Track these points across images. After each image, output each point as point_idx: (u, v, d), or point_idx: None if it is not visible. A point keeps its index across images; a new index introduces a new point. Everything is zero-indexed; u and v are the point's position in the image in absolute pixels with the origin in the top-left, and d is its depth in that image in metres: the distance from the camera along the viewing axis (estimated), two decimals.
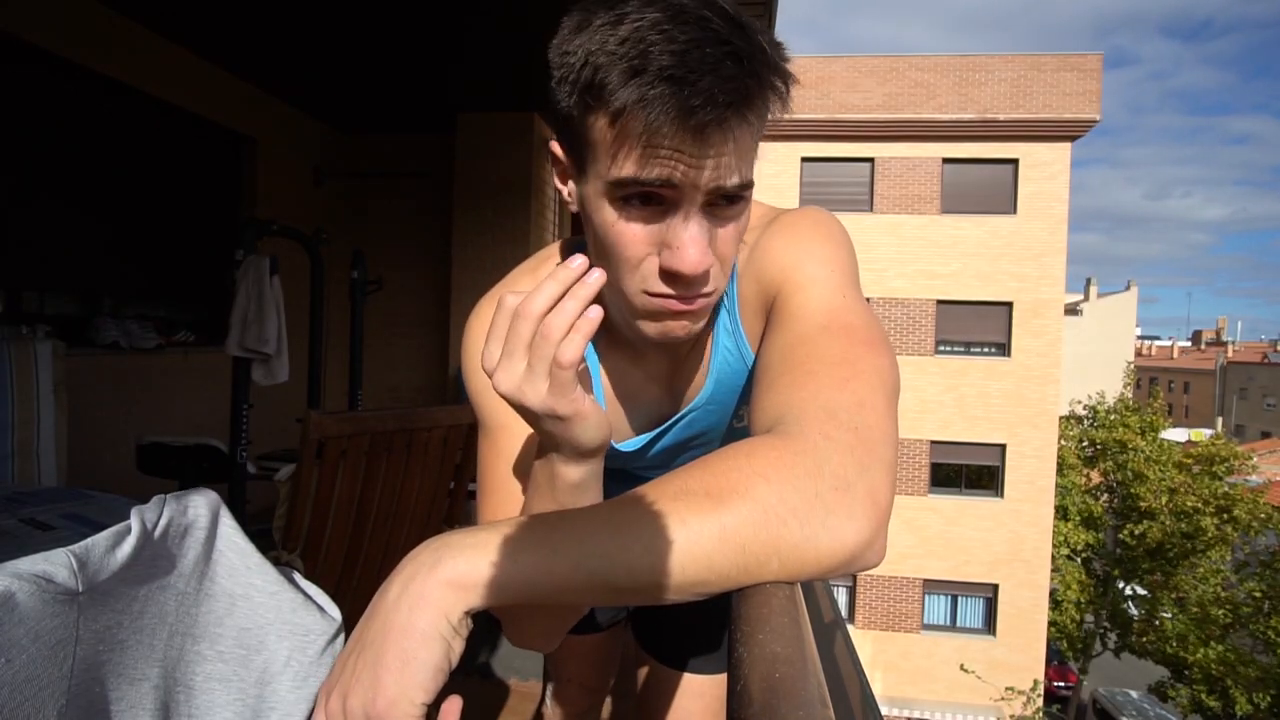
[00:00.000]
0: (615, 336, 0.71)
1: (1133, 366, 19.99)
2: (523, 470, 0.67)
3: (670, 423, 0.76)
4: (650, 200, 0.53)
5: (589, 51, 0.50)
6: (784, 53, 0.53)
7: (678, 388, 0.75)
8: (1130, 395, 17.27)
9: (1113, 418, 15.96)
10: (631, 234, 0.55)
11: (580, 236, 0.73)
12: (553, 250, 0.77)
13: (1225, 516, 13.58)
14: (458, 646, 0.41)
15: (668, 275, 0.55)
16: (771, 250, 0.64)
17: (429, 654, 0.40)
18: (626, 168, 0.51)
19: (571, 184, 0.60)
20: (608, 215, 0.55)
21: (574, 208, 0.60)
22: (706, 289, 0.57)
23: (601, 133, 0.52)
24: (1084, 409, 16.96)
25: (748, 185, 0.54)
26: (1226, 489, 13.90)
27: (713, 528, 0.41)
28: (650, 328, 0.60)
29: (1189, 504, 13.91)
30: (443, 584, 0.40)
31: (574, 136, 0.56)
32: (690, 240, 0.53)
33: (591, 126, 0.53)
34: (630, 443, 0.76)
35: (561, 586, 0.41)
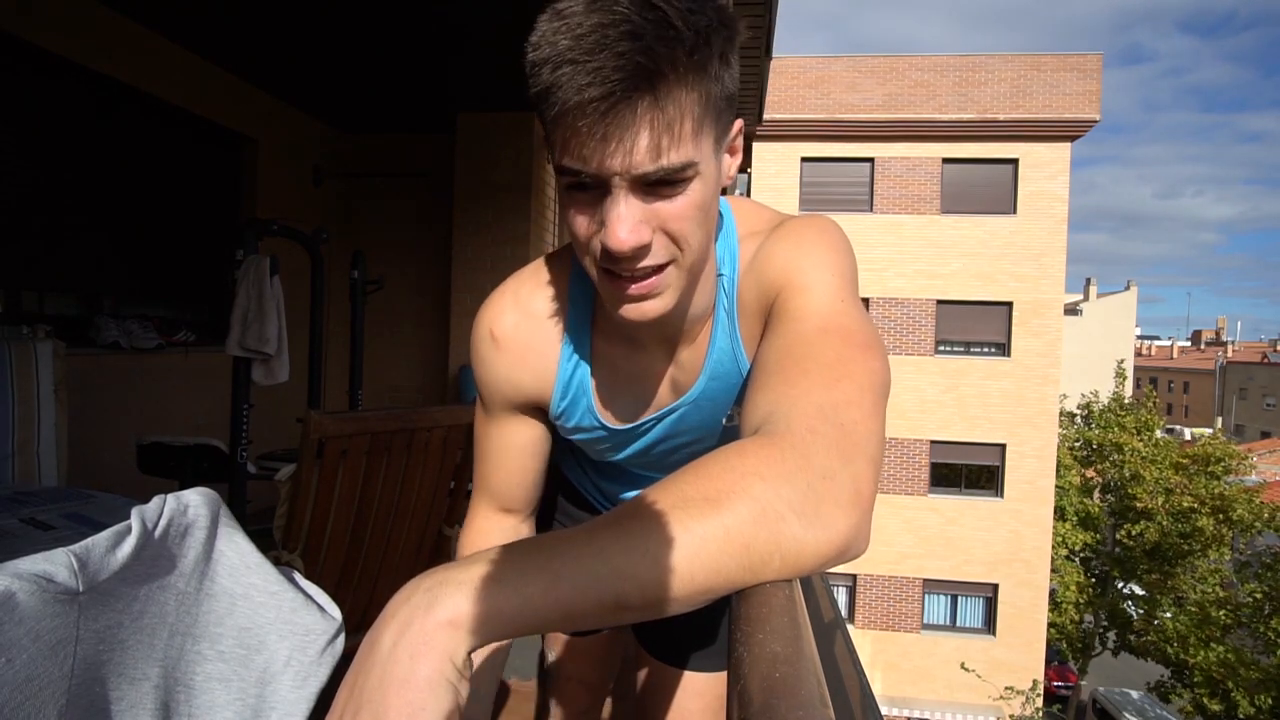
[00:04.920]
0: (615, 328, 0.73)
1: (1124, 365, 19.79)
2: (509, 443, 0.80)
3: (663, 412, 0.78)
4: (586, 186, 0.55)
5: (529, 47, 0.53)
6: (715, 21, 0.52)
7: (675, 382, 0.77)
8: (1123, 394, 17.23)
9: (1107, 416, 15.95)
10: (577, 218, 0.58)
11: None
12: (560, 255, 0.78)
13: (1222, 517, 13.57)
14: (464, 689, 0.38)
15: (606, 253, 0.57)
16: (775, 255, 0.65)
17: (437, 703, 0.37)
18: (559, 156, 0.54)
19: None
20: (563, 202, 0.59)
21: None
22: (651, 263, 0.57)
23: (543, 125, 0.56)
24: (1078, 408, 16.94)
25: (679, 167, 0.53)
26: (1223, 489, 13.89)
27: (716, 531, 0.41)
28: (618, 310, 0.61)
29: (1185, 504, 13.91)
30: (442, 625, 0.38)
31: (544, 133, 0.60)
32: (617, 219, 0.54)
33: (540, 120, 0.56)
34: (623, 426, 0.79)
35: (569, 613, 0.40)
